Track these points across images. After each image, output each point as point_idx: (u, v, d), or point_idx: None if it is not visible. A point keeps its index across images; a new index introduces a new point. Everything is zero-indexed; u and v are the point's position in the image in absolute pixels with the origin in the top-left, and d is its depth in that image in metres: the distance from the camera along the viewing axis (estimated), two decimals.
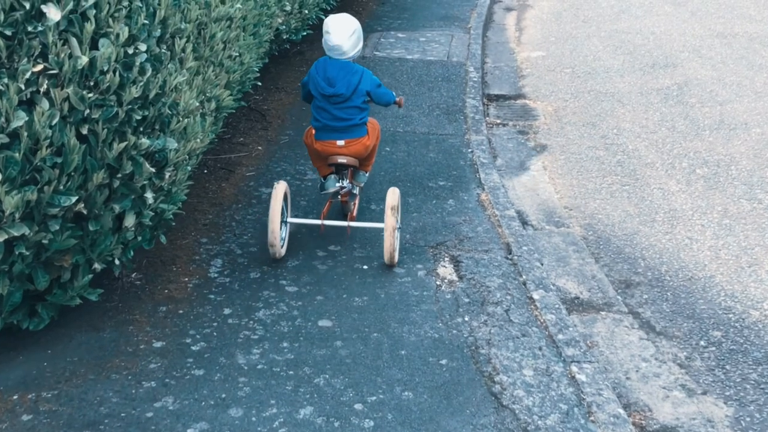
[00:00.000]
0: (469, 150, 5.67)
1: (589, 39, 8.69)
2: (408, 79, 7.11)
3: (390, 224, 3.86)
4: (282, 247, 4.08)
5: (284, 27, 6.09)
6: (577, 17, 9.59)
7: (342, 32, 3.89)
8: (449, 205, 4.83)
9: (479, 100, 6.71)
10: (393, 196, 3.95)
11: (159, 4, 3.21)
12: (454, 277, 4.04)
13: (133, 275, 3.88)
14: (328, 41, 3.92)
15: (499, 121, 6.54)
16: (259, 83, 5.71)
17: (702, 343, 3.76)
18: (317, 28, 8.03)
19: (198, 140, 3.69)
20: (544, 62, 8.00)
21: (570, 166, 5.66)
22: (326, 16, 8.07)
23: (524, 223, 4.86)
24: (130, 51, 3.01)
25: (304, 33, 6.96)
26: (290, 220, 4.20)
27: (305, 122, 6.05)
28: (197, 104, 3.59)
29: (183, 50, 3.47)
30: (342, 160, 4.05)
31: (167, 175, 3.36)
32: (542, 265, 4.33)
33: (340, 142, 4.03)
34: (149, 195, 3.26)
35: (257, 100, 6.44)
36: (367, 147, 4.13)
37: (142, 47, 3.05)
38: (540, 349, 3.48)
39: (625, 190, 5.27)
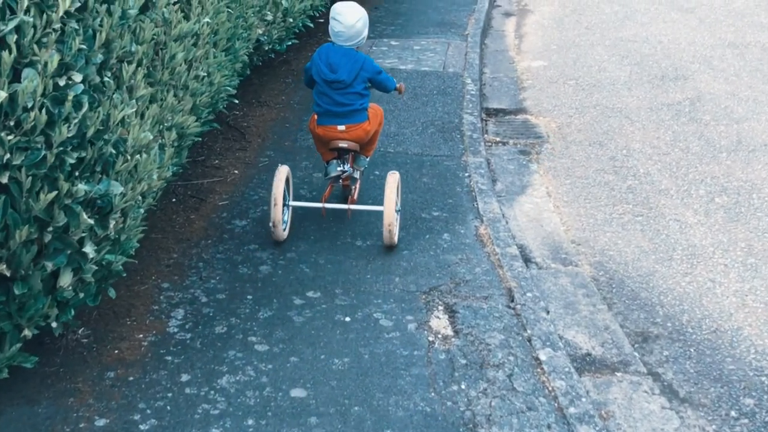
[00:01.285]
0: (467, 174, 5.18)
1: (593, 47, 8.20)
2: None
3: (387, 220, 3.97)
4: (284, 230, 4.16)
5: (266, 38, 5.58)
6: (580, 24, 9.09)
7: (348, 18, 3.99)
8: (444, 241, 4.34)
9: (477, 115, 6.22)
10: (392, 181, 4.05)
11: (101, 25, 2.71)
12: (449, 332, 3.54)
13: (80, 331, 3.38)
14: (334, 27, 4.02)
15: (498, 139, 6.04)
16: (236, 101, 5.20)
17: (733, 413, 3.27)
18: (304, 37, 7.54)
19: (154, 177, 3.19)
20: (545, 73, 7.51)
21: (577, 192, 5.17)
22: (313, 24, 7.61)
23: (527, 260, 4.36)
24: (62, 82, 2.51)
25: (290, 43, 6.45)
26: (292, 203, 4.27)
27: (288, 141, 5.56)
28: (152, 137, 3.08)
29: (133, 77, 2.96)
30: (343, 144, 4.12)
31: (112, 223, 2.86)
32: (549, 314, 3.83)
33: (341, 127, 4.09)
34: (89, 249, 2.75)
35: (236, 116, 5.94)
36: (367, 132, 4.18)
37: (78, 77, 2.55)
38: (549, 427, 2.98)
39: (638, 222, 4.78)
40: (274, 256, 4.09)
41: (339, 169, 4.24)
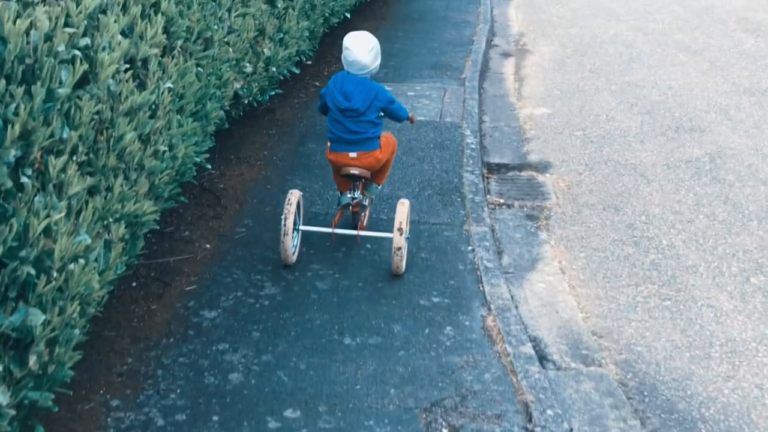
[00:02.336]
0: (470, 247, 4.58)
1: (599, 93, 7.67)
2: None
3: (397, 245, 4.04)
4: (294, 254, 4.22)
5: (245, 91, 5.00)
6: (583, 66, 8.57)
7: (361, 48, 4.07)
8: (447, 336, 3.74)
9: (479, 173, 5.64)
10: (402, 208, 4.09)
11: (16, 114, 2.11)
12: None
13: None
14: (347, 57, 4.09)
15: (502, 201, 5.46)
16: (209, 166, 4.60)
17: None
18: (290, 82, 6.95)
19: (95, 287, 2.58)
20: (550, 122, 6.96)
21: (593, 267, 4.58)
22: (300, 70, 7.03)
23: (543, 357, 3.76)
24: None
25: (273, 92, 5.87)
26: (303, 228, 4.32)
27: (269, 206, 4.96)
28: (90, 241, 2.48)
29: (63, 171, 2.36)
30: (354, 171, 4.18)
31: (33, 359, 2.24)
32: None
33: (353, 154, 4.16)
34: (2, 396, 2.13)
35: (212, 176, 5.34)
36: (379, 160, 4.25)
37: None
38: None
39: (667, 308, 4.19)
40: (247, 360, 3.48)
41: (349, 196, 4.36)
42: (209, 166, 4.56)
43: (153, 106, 3.13)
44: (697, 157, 6.09)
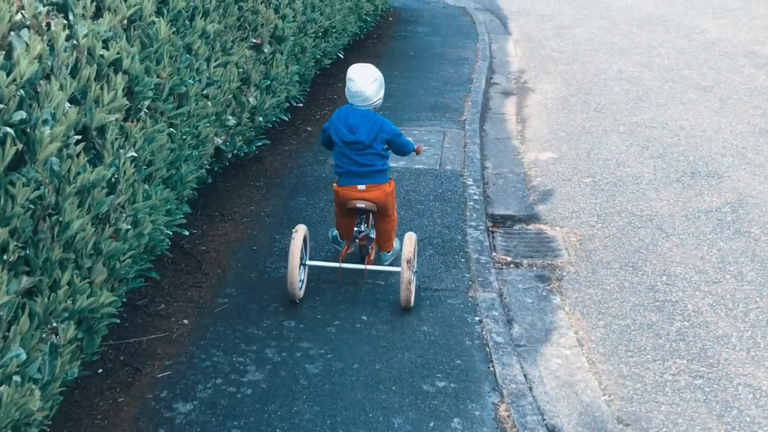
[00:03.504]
0: (476, 318, 4.14)
1: (607, 135, 7.27)
2: None
3: (406, 278, 3.98)
4: (301, 289, 4.15)
5: (228, 145, 4.58)
6: (588, 105, 8.19)
7: (364, 79, 4.04)
8: (454, 431, 3.27)
9: (483, 229, 5.21)
10: (409, 244, 4.02)
11: None
12: None
13: None
14: (351, 88, 4.06)
15: (510, 259, 5.02)
16: (186, 232, 4.16)
17: None
18: (279, 131, 6.53)
19: (35, 405, 2.12)
20: (556, 168, 6.54)
21: (614, 339, 4.13)
22: (290, 116, 6.63)
23: None
24: None
25: (260, 143, 5.46)
26: (309, 262, 4.25)
27: (254, 272, 4.52)
28: (25, 357, 2.03)
29: None
30: (360, 204, 4.11)
31: None
32: None
33: (361, 187, 4.11)
34: None
35: (194, 236, 4.90)
36: (387, 194, 4.16)
37: None
38: None
39: (699, 388, 3.73)
40: None
41: (356, 229, 4.34)
42: (186, 233, 4.11)
43: (112, 180, 2.70)
44: (717, 206, 5.67)
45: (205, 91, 3.96)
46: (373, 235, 4.41)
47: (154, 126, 3.03)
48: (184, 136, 3.59)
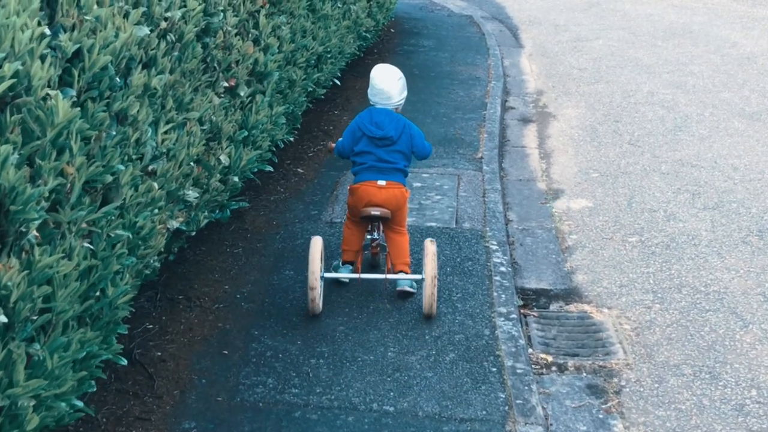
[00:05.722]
0: None
1: (648, 176, 6.21)
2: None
3: (430, 273, 3.86)
4: (320, 300, 3.98)
5: (191, 224, 3.51)
6: (620, 136, 7.13)
7: (389, 78, 4.13)
8: None
9: (516, 318, 4.14)
10: (431, 246, 3.96)
11: None
12: None
13: None
14: (374, 86, 4.13)
15: (551, 359, 3.97)
16: (123, 361, 3.07)
17: None
18: (265, 175, 5.35)
19: None
20: (593, 221, 5.49)
21: None
22: (272, 169, 5.49)
23: None
24: None
25: (236, 206, 4.39)
26: (326, 275, 4.07)
27: (223, 393, 3.44)
28: None
29: None
30: (375, 212, 4.04)
31: None
32: None
33: (381, 182, 4.07)
34: None
35: (147, 335, 3.82)
36: (404, 197, 4.14)
37: None
38: None
39: None
40: None
41: (368, 237, 4.32)
42: (122, 362, 3.02)
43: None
44: None
45: (151, 167, 2.88)
46: (384, 243, 4.33)
47: (47, 258, 1.96)
48: (115, 242, 2.51)
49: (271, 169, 5.01)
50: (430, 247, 3.96)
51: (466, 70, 9.13)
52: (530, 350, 4.01)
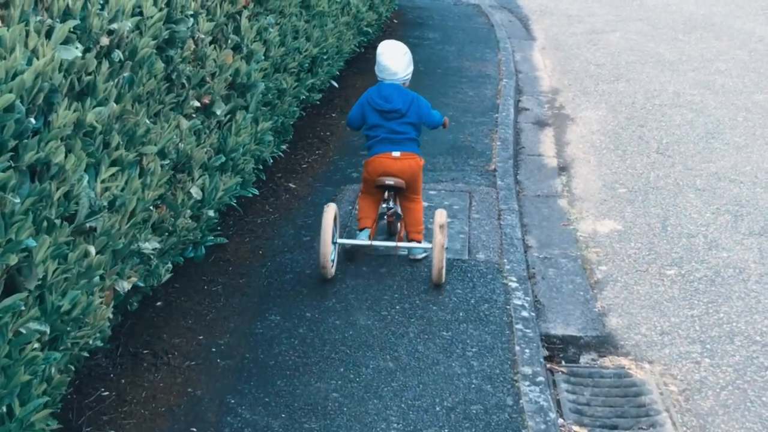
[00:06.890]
0: None
1: (682, 193, 5.55)
2: (398, 317, 3.87)
3: (439, 241, 3.92)
4: (332, 267, 4.08)
5: (149, 278, 2.84)
6: (646, 143, 6.46)
7: (395, 53, 4.18)
8: None
9: (544, 380, 3.48)
10: (441, 215, 4.02)
11: None
12: None
13: None
14: (381, 61, 4.17)
15: None
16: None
17: None
18: (243, 206, 4.65)
19: None
20: (625, 248, 4.83)
21: None
22: (257, 192, 4.87)
23: None
24: None
25: (211, 242, 3.72)
26: (339, 240, 4.17)
27: None
28: None
29: None
30: (389, 181, 4.11)
31: None
32: None
33: (396, 153, 4.12)
34: None
35: (102, 405, 3.16)
36: (418, 166, 4.21)
37: None
38: None
39: None
40: None
41: (384, 206, 4.36)
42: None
43: None
44: None
45: (90, 223, 2.21)
46: (400, 211, 4.37)
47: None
48: (25, 341, 1.84)
49: (256, 193, 4.33)
50: (439, 218, 4.01)
51: (475, 65, 8.43)
52: (560, 421, 3.36)
